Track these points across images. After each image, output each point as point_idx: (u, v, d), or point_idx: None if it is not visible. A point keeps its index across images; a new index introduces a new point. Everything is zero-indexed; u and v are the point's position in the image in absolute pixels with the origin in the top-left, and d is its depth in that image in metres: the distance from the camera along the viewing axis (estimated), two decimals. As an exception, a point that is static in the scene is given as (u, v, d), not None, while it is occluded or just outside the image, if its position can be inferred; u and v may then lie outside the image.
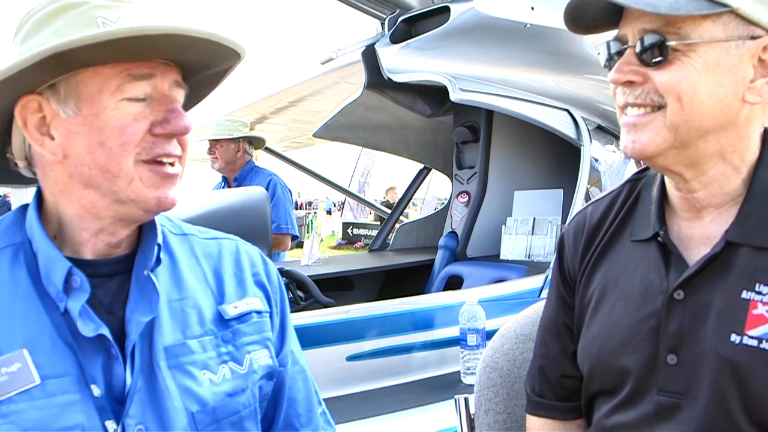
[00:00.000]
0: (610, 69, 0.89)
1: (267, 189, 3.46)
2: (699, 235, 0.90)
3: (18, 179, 0.93)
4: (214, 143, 3.65)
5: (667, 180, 0.94)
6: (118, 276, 0.88)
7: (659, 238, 0.92)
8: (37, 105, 0.82)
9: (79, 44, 0.75)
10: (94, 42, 0.75)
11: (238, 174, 3.67)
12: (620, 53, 0.87)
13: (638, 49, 0.84)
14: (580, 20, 0.91)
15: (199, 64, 0.89)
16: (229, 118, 3.73)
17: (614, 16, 0.88)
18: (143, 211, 0.85)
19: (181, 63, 0.87)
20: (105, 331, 0.81)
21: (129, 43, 0.77)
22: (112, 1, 0.83)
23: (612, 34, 0.90)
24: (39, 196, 0.89)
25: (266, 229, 2.15)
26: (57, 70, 0.79)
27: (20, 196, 2.76)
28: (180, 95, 0.88)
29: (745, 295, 0.83)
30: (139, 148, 0.82)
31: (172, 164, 0.86)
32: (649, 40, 0.83)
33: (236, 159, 3.66)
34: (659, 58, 0.83)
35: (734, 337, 0.82)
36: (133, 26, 0.79)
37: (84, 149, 0.81)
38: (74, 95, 0.80)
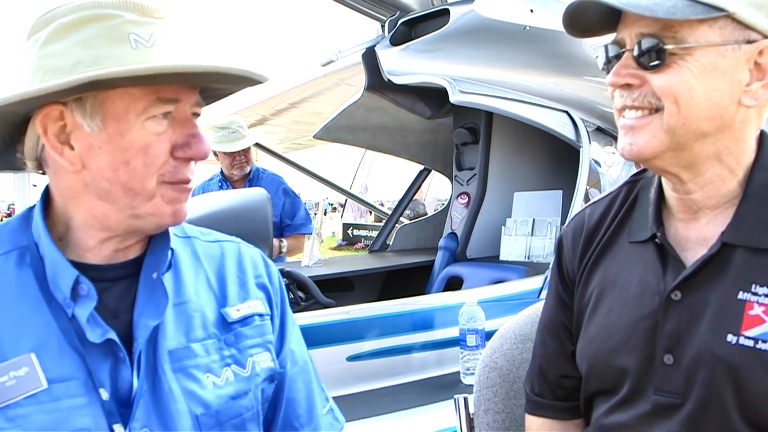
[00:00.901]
0: (608, 72, 0.89)
1: (280, 192, 3.50)
2: (695, 236, 0.91)
3: (13, 166, 0.91)
4: (243, 150, 3.55)
5: (664, 182, 0.95)
6: (124, 280, 0.88)
7: (656, 240, 0.93)
8: (59, 114, 0.81)
9: (115, 76, 0.75)
10: (131, 75, 0.76)
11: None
12: (618, 56, 0.88)
13: (636, 52, 0.85)
14: (579, 24, 0.92)
15: (220, 86, 0.91)
16: (241, 121, 3.64)
17: (612, 20, 0.89)
18: (157, 225, 0.86)
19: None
20: (113, 336, 0.81)
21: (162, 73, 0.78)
22: (144, 16, 0.82)
23: (610, 37, 0.91)
24: (46, 197, 0.88)
25: (268, 230, 2.16)
26: (85, 88, 0.78)
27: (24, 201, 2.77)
28: (199, 111, 0.88)
29: (741, 295, 0.84)
30: (162, 170, 0.83)
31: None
32: (646, 43, 0.84)
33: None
34: (656, 62, 0.84)
35: (730, 338, 0.83)
36: (177, 64, 0.80)
37: (106, 165, 0.81)
38: (100, 112, 0.80)
